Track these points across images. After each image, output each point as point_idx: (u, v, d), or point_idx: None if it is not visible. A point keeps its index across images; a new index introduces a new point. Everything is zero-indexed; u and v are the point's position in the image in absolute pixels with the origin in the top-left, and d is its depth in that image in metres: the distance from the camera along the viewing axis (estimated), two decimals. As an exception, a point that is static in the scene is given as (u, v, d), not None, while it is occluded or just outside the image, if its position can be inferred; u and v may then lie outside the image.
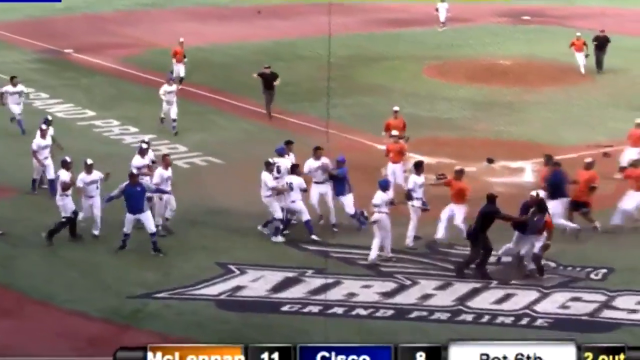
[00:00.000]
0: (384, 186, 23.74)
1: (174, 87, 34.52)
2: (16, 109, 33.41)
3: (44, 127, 28.12)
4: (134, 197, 23.68)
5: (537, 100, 39.81)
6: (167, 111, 34.11)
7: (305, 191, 24.96)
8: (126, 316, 20.55)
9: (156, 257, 23.52)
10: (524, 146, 32.36)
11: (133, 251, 23.78)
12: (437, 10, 55.96)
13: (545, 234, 22.45)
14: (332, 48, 38.98)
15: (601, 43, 43.67)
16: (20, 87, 33.99)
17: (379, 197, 23.31)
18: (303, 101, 36.43)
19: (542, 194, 23.26)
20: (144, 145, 26.37)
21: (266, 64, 37.18)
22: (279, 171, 25.26)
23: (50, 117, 29.94)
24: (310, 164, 25.62)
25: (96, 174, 24.61)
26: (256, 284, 22.22)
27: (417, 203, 24.29)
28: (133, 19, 58.52)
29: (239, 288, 22.01)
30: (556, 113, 37.67)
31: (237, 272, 22.80)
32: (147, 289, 21.76)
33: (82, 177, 24.54)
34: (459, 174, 24.61)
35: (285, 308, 21.04)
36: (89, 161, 24.73)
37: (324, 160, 25.61)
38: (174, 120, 33.94)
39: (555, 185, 24.78)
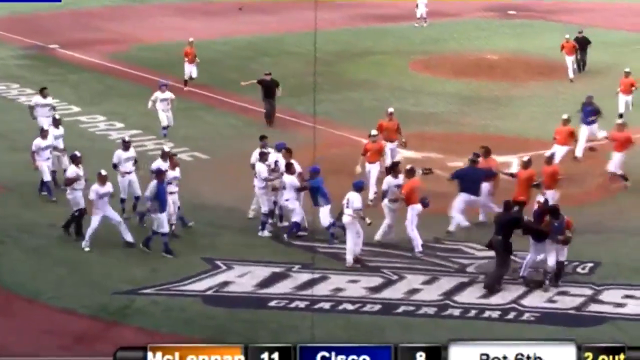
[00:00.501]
0: (360, 187, 23.37)
1: (167, 95, 33.12)
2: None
3: (45, 127, 27.60)
4: (165, 194, 23.54)
5: (523, 95, 39.87)
6: (165, 118, 33.02)
7: (299, 190, 24.43)
8: (113, 313, 20.50)
9: (143, 254, 23.47)
10: (511, 140, 32.42)
11: (120, 248, 23.72)
12: (417, 6, 55.63)
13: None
14: (318, 43, 39.03)
15: (581, 44, 43.56)
16: (50, 100, 30.74)
17: (358, 199, 22.92)
18: (290, 97, 36.35)
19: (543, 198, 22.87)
20: (166, 149, 25.96)
21: (267, 70, 36.08)
22: (276, 165, 25.05)
23: (57, 116, 28.87)
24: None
25: (108, 187, 23.45)
26: (243, 279, 22.20)
27: (392, 204, 23.86)
28: (119, 15, 58.35)
29: (226, 284, 22.00)
30: (543, 107, 37.72)
31: (224, 267, 22.77)
32: (134, 286, 21.72)
33: (96, 189, 23.28)
34: (410, 173, 23.82)
35: (272, 303, 21.03)
36: (103, 172, 23.51)
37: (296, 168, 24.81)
38: (168, 126, 33.22)
39: (462, 179, 24.48)
